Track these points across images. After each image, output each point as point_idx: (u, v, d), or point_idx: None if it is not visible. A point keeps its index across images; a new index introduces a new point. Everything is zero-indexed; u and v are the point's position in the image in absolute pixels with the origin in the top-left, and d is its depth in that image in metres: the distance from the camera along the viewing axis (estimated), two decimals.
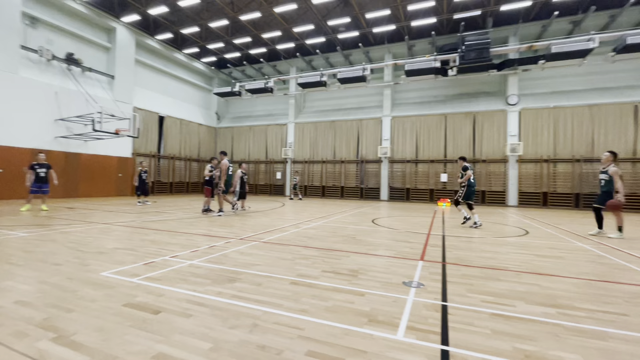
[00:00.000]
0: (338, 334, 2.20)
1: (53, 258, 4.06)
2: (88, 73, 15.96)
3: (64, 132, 14.54)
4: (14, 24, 12.89)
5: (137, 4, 16.12)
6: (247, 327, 2.26)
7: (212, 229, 6.74)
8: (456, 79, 17.16)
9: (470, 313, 2.62)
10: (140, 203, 12.50)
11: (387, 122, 19.75)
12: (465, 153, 17.95)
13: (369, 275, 3.65)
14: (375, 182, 19.86)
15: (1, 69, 12.53)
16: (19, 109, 13.04)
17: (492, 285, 3.39)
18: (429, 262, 4.35)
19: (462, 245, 5.60)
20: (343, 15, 16.39)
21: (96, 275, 3.38)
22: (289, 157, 21.97)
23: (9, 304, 2.57)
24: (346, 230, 7.14)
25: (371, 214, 11.09)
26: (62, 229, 6.33)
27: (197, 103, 23.83)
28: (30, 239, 5.22)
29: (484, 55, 13.66)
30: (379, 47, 19.75)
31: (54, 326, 2.21)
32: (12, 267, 3.64)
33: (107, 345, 1.97)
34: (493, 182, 17.39)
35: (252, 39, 19.55)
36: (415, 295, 3.00)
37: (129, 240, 5.40)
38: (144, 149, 18.74)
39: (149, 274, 3.46)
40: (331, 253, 4.75)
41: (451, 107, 18.62)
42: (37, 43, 14.07)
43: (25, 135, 13.21)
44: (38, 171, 9.38)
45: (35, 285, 3.04)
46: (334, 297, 2.92)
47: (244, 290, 3.04)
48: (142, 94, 19.09)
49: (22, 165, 13.10)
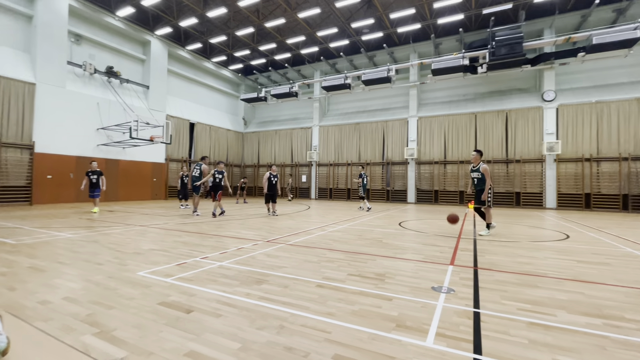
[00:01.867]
0: (365, 338, 2.18)
1: (95, 258, 4.34)
2: (126, 84, 17.02)
3: (104, 140, 15.57)
4: (62, 42, 14.04)
5: (170, 17, 16.98)
6: (275, 329, 2.29)
7: (240, 232, 6.92)
8: (486, 76, 16.48)
9: (505, 321, 2.49)
10: (182, 206, 12.88)
11: (413, 123, 19.34)
12: (498, 153, 17.18)
13: (396, 279, 3.58)
14: (401, 184, 19.48)
15: (51, 84, 13.68)
16: (65, 120, 14.14)
17: (529, 292, 3.20)
18: (460, 266, 4.19)
19: (496, 250, 5.35)
20: (367, 17, 16.32)
21: (134, 275, 3.57)
22: (314, 160, 22.10)
23: (57, 300, 2.78)
24: (372, 233, 7.05)
25: (398, 216, 10.88)
26: (104, 230, 6.76)
27: (225, 109, 24.63)
28: (76, 240, 5.62)
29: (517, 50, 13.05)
30: (404, 47, 19.43)
31: (97, 322, 2.35)
32: (61, 265, 3.94)
33: (144, 341, 2.08)
34: (528, 184, 16.49)
35: (276, 45, 19.94)
36: (445, 301, 2.90)
37: (162, 241, 5.67)
38: (177, 155, 19.62)
39: (181, 275, 3.61)
40: (357, 256, 4.71)
41: (481, 105, 17.90)
42: (81, 58, 15.23)
43: (71, 144, 14.29)
44: (91, 177, 10.28)
45: (80, 283, 3.27)
46: (360, 301, 2.89)
47: (271, 292, 3.09)
48: (174, 102, 20.04)
49: (69, 171, 14.20)
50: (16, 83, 12.67)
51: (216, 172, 9.89)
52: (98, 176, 10.42)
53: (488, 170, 6.80)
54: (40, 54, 13.36)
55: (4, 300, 2.77)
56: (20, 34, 13.35)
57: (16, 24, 13.22)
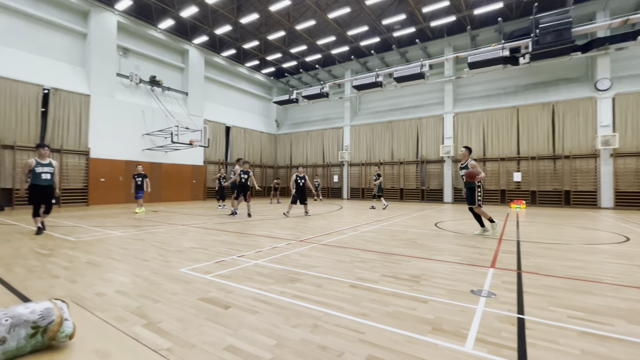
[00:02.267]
0: (400, 340, 2.14)
1: (142, 255, 4.67)
2: (167, 92, 18.12)
3: (149, 145, 16.70)
4: (112, 55, 15.29)
5: (206, 26, 17.81)
6: (309, 327, 2.32)
7: (274, 231, 7.08)
8: (529, 67, 15.39)
9: (554, 329, 2.32)
10: (220, 207, 13.47)
11: (449, 119, 18.60)
12: (544, 148, 16.00)
13: (432, 281, 3.47)
14: (437, 184, 18.81)
15: (103, 94, 14.94)
16: (115, 127, 15.36)
17: (582, 299, 2.95)
18: (501, 269, 3.96)
19: (542, 252, 4.99)
20: (398, 13, 15.97)
21: (176, 271, 3.79)
22: (345, 160, 22.03)
23: (111, 293, 3.03)
24: (406, 234, 6.89)
25: (433, 217, 10.52)
26: (149, 229, 7.26)
27: (258, 112, 25.33)
28: (125, 238, 6.08)
29: (565, 37, 12.08)
30: (438, 41, 18.75)
31: (145, 314, 2.54)
32: (113, 261, 4.29)
33: (186, 334, 2.20)
34: (580, 181, 15.18)
35: (307, 46, 20.15)
36: (486, 305, 2.76)
37: (202, 240, 5.96)
38: (214, 157, 20.52)
39: (219, 272, 3.77)
40: (391, 257, 4.63)
41: (524, 98, 16.78)
42: (128, 70, 16.47)
43: (120, 149, 15.51)
44: (137, 180, 11.07)
45: (130, 278, 3.54)
46: (394, 302, 2.84)
47: (305, 290, 3.13)
48: (211, 107, 20.99)
49: (119, 175, 15.40)
50: (74, 95, 13.99)
51: (242, 172, 9.92)
52: (143, 178, 11.18)
53: (477, 166, 6.56)
54: (94, 67, 14.65)
55: (68, 291, 3.07)
56: (77, 51, 14.73)
57: (74, 42, 14.61)
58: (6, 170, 12.17)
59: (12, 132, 12.34)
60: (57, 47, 14.08)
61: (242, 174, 9.93)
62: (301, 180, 10.42)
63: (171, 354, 1.93)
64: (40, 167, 6.32)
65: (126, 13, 15.80)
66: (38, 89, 12.98)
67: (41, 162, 6.38)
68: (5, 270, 3.80)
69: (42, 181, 6.31)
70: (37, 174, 6.28)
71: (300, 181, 10.40)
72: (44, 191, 6.34)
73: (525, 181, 16.32)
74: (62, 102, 13.63)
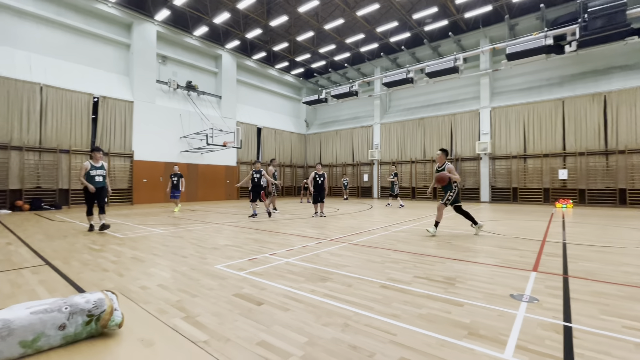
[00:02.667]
0: (433, 343, 2.08)
1: (181, 251, 4.93)
2: (202, 96, 18.94)
3: (186, 147, 17.56)
4: (152, 64, 16.28)
5: (237, 31, 18.38)
6: (339, 326, 2.32)
7: (304, 230, 7.16)
8: (576, 55, 14.20)
9: (606, 340, 2.13)
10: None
11: (485, 114, 17.70)
12: (593, 143, 14.72)
13: (467, 284, 3.33)
14: (473, 182, 17.98)
15: (144, 100, 15.94)
16: (156, 131, 16.33)
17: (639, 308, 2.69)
18: (545, 273, 3.71)
19: (592, 256, 4.61)
20: (429, 6, 15.45)
21: (212, 268, 3.96)
22: (375, 158, 21.74)
23: (153, 286, 3.24)
24: (440, 234, 6.67)
25: None
26: (187, 227, 7.64)
27: (288, 113, 25.71)
28: (166, 235, 6.45)
29: (618, 21, 11.04)
30: (473, 33, 17.90)
31: (184, 307, 2.68)
32: (155, 257, 4.57)
33: (222, 328, 2.30)
34: (637, 178, 13.78)
35: (336, 45, 20.11)
36: (527, 311, 2.60)
37: (236, 238, 6.17)
38: (246, 158, 21.14)
39: (252, 269, 3.89)
40: (423, 258, 4.50)
41: (570, 89, 15.54)
42: (167, 76, 17.43)
43: (160, 152, 16.47)
44: (173, 179, 11.64)
45: (170, 273, 3.75)
46: (428, 304, 2.76)
47: (335, 290, 3.14)
48: (243, 109, 21.63)
49: (159, 175, 16.35)
50: (120, 102, 15.07)
51: (254, 172, 9.66)
52: (178, 178, 11.74)
53: (453, 170, 6.61)
54: (136, 75, 15.68)
55: (116, 283, 3.33)
56: (122, 61, 15.85)
57: (119, 53, 15.74)
58: (63, 172, 13.39)
59: (68, 137, 13.56)
60: (105, 58, 15.25)
61: (254, 173, 9.67)
62: (320, 178, 10.04)
63: (208, 347, 2.03)
64: (94, 170, 6.84)
65: (164, 23, 16.73)
66: (89, 98, 14.14)
67: (95, 165, 6.88)
68: (63, 263, 4.19)
69: (95, 183, 6.81)
70: (91, 177, 6.79)
71: (319, 179, 10.04)
72: (99, 192, 6.83)
73: (572, 179, 15.12)
74: (109, 108, 14.73)
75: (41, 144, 12.87)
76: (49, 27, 13.55)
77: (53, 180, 13.11)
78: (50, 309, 1.99)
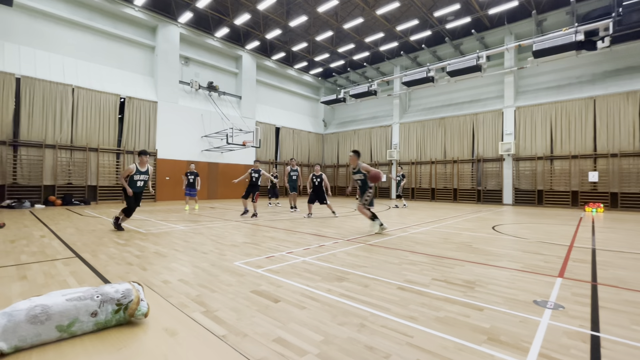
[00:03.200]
0: (451, 347, 2.04)
1: (201, 248, 5.07)
2: (223, 96, 19.35)
3: (207, 146, 18.00)
4: (175, 65, 16.79)
5: (257, 32, 18.64)
6: (355, 326, 2.32)
7: (321, 229, 7.19)
8: (609, 52, 13.48)
9: (637, 351, 2.02)
10: (271, 204, 14.07)
11: (509, 114, 17.10)
12: (627, 144, 13.90)
13: (488, 288, 3.24)
14: (495, 184, 17.43)
15: (168, 101, 16.47)
16: (178, 130, 16.83)
17: None
18: (572, 280, 3.56)
19: (624, 263, 4.37)
20: (451, 3, 15.09)
21: (231, 264, 4.05)
22: (394, 158, 21.47)
23: (175, 281, 3.35)
24: (460, 236, 6.51)
25: (491, 219, 9.78)
26: (207, 224, 7.83)
27: (306, 112, 25.83)
28: (187, 232, 6.65)
29: None
30: (497, 30, 17.34)
31: (204, 302, 2.76)
32: (177, 252, 4.72)
33: (240, 323, 2.35)
34: None
35: (355, 44, 20.01)
36: (552, 319, 2.50)
37: (254, 236, 6.27)
38: (265, 157, 21.41)
39: (269, 267, 3.94)
40: (442, 260, 4.42)
41: (602, 87, 14.75)
42: (189, 77, 17.92)
43: (182, 150, 16.96)
44: (189, 177, 11.87)
45: (190, 268, 3.86)
46: (446, 307, 2.71)
47: (352, 290, 3.13)
48: (262, 109, 21.92)
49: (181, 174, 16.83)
50: (145, 102, 15.64)
51: (252, 171, 9.57)
52: (195, 177, 11.86)
53: (369, 167, 6.64)
54: (160, 76, 16.22)
55: (139, 277, 3.46)
56: (147, 62, 16.44)
57: (144, 55, 16.34)
58: (92, 169, 14.05)
59: (96, 137, 14.21)
60: (131, 60, 15.87)
61: (252, 172, 9.61)
62: (317, 179, 9.92)
63: (226, 341, 2.08)
64: (138, 174, 6.70)
65: (187, 25, 17.20)
66: (116, 98, 14.75)
67: (140, 169, 6.74)
68: (92, 256, 4.40)
69: (136, 188, 6.77)
70: (134, 181, 6.68)
71: (315, 180, 9.93)
72: (136, 196, 6.83)
73: (603, 181, 14.36)
74: (134, 108, 15.32)
75: (72, 143, 13.56)
76: (81, 32, 14.25)
77: (82, 177, 13.78)
78: (83, 296, 2.11)
